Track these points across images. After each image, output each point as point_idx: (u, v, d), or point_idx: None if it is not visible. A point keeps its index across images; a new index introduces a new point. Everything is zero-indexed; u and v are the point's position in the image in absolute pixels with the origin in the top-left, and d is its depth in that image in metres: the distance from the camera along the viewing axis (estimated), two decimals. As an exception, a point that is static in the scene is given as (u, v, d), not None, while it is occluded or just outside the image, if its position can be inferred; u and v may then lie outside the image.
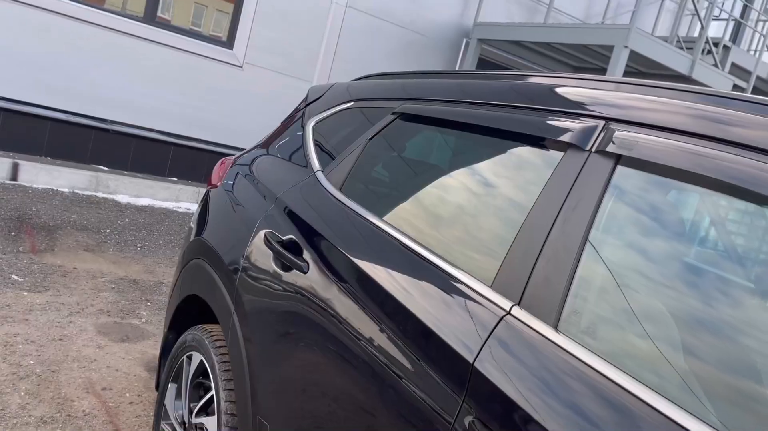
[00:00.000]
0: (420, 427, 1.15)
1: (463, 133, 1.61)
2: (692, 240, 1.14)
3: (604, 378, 0.96)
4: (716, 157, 1.00)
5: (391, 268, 1.41)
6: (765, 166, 0.94)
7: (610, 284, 1.07)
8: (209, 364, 1.92)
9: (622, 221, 1.12)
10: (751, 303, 0.96)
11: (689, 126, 1.08)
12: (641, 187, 1.11)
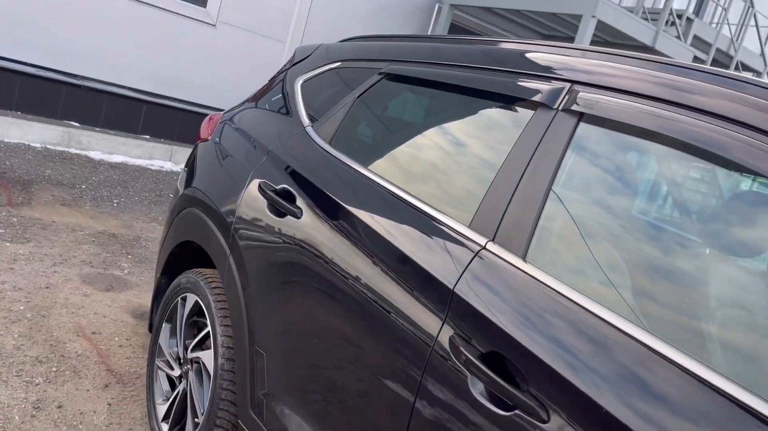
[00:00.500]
0: (406, 348, 1.34)
1: (445, 92, 1.77)
2: (640, 186, 1.33)
3: (563, 297, 1.16)
4: (664, 116, 1.20)
5: (379, 212, 1.58)
6: (699, 122, 1.14)
7: (569, 222, 1.27)
8: (205, 304, 2.08)
9: (582, 169, 1.31)
10: (683, 233, 1.17)
11: (642, 89, 1.27)
12: (600, 141, 1.30)
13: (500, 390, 1.12)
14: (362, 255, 1.54)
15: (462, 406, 1.19)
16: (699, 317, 1.07)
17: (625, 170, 1.29)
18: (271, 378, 1.74)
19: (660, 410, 0.95)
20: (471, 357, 1.19)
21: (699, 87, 1.19)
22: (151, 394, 2.33)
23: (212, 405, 1.95)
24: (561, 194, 1.30)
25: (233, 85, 6.96)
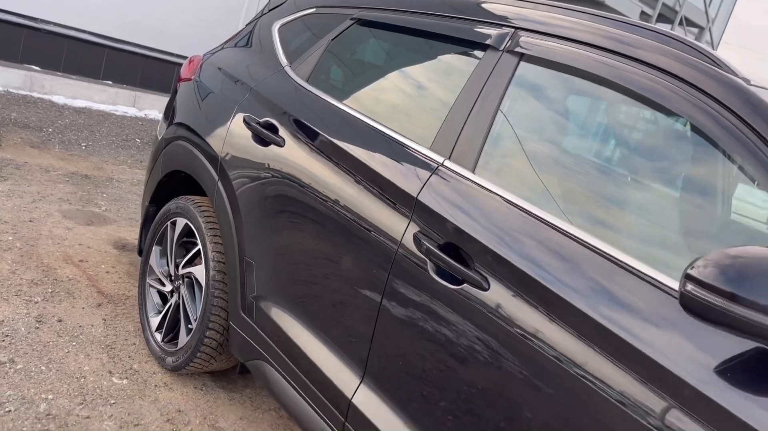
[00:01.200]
0: (378, 246, 1.64)
1: (409, 36, 2.04)
2: (567, 112, 1.65)
3: (502, 198, 1.48)
4: (586, 56, 1.50)
5: (354, 139, 1.86)
6: (615, 62, 1.45)
7: (510, 142, 1.58)
8: (195, 226, 2.35)
9: (521, 99, 1.62)
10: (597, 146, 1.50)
11: (569, 35, 1.57)
12: (536, 76, 1.60)
13: (453, 270, 1.45)
14: (339, 175, 1.83)
15: (422, 286, 1.51)
16: (606, 205, 1.41)
17: (555, 99, 1.60)
18: (260, 283, 2.03)
19: (563, 270, 1.28)
20: (431, 247, 1.50)
21: (611, 33, 1.50)
22: (143, 309, 2.60)
23: (205, 311, 2.23)
24: (504, 120, 1.61)
25: (198, 31, 7.00)
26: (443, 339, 1.45)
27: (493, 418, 1.34)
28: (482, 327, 1.38)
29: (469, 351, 1.40)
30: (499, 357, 1.34)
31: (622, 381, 1.15)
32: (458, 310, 1.43)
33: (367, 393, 1.64)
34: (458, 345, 1.42)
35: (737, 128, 1.23)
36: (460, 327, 1.42)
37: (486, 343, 1.36)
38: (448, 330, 1.44)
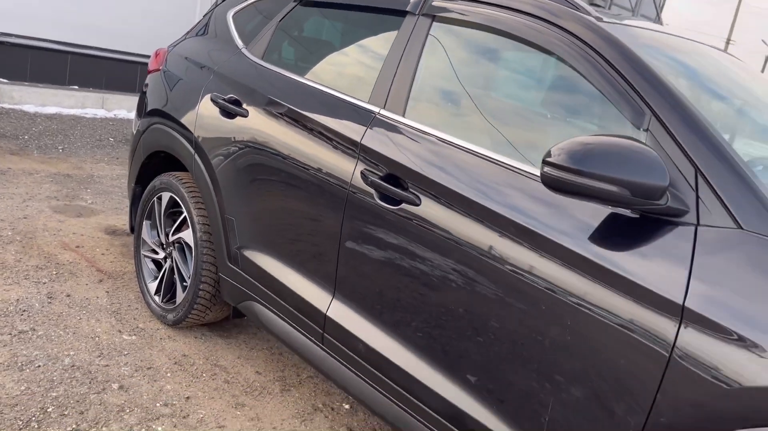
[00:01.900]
0: (333, 186, 2.00)
1: (346, 11, 2.38)
2: (475, 60, 2.01)
3: (427, 134, 1.84)
4: (484, 13, 1.86)
5: (306, 103, 2.21)
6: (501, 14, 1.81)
7: (430, 89, 1.94)
8: (179, 197, 2.68)
9: (437, 53, 1.97)
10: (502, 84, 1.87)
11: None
12: (445, 33, 1.96)
13: (393, 194, 1.81)
14: (297, 133, 2.17)
15: (371, 212, 1.87)
16: (501, 127, 1.78)
17: (461, 49, 1.96)
18: (241, 235, 2.38)
19: (473, 180, 1.65)
20: (375, 180, 1.86)
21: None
22: (141, 277, 2.93)
23: (197, 267, 2.58)
24: (423, 71, 1.96)
25: (155, 29, 7.21)
26: (392, 251, 1.82)
27: (437, 303, 1.71)
28: (419, 235, 1.75)
29: (413, 256, 1.77)
30: (435, 256, 1.71)
31: (521, 250, 1.52)
32: (400, 225, 1.79)
33: (338, 305, 2.01)
34: (404, 253, 1.79)
35: (592, 57, 1.60)
36: (403, 238, 1.79)
37: (424, 246, 1.73)
38: (395, 241, 1.81)
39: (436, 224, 1.71)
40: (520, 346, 1.53)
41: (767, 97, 2.09)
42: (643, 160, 1.30)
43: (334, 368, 2.05)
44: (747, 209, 1.29)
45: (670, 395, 1.26)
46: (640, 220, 1.38)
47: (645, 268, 1.32)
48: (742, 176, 1.33)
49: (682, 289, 1.26)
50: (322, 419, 2.34)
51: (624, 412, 1.34)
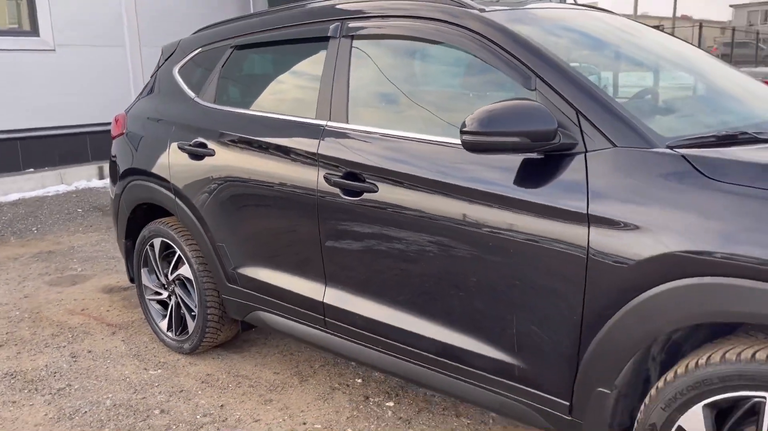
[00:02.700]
0: (303, 194, 2.35)
1: (279, 46, 2.74)
2: (395, 64, 2.39)
3: (369, 132, 2.21)
4: (391, 24, 2.24)
5: (262, 130, 2.56)
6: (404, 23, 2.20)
7: (364, 95, 2.32)
8: (170, 239, 3.00)
9: (362, 66, 2.35)
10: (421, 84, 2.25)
11: (378, 13, 2.31)
12: (365, 46, 2.34)
13: (354, 188, 2.17)
14: (262, 158, 2.52)
15: (339, 207, 2.23)
16: (426, 115, 2.16)
17: (381, 58, 2.34)
18: (234, 257, 2.72)
19: (413, 160, 2.03)
20: (337, 179, 2.23)
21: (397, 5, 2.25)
22: (151, 320, 3.24)
23: (200, 296, 2.91)
24: (355, 82, 2.34)
25: (92, 96, 7.44)
26: (364, 234, 2.19)
27: (409, 265, 2.08)
28: (382, 215, 2.11)
29: (381, 233, 2.13)
30: (398, 229, 2.08)
31: (464, 206, 1.90)
32: (365, 211, 2.16)
33: (331, 292, 2.37)
34: (374, 232, 2.15)
35: (482, 41, 1.99)
36: (370, 220, 2.15)
37: (388, 223, 2.10)
38: (364, 225, 2.18)
39: (393, 203, 2.08)
40: (482, 283, 1.91)
41: (638, 40, 2.53)
42: (534, 113, 1.69)
43: (340, 345, 2.41)
44: (617, 132, 1.69)
45: (595, 283, 1.65)
46: (546, 158, 1.77)
47: (557, 193, 1.72)
48: (611, 109, 1.74)
49: (584, 201, 1.66)
50: (341, 395, 2.69)
51: (568, 309, 1.72)
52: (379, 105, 2.31)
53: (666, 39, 2.61)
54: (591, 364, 1.70)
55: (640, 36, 2.52)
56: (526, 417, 1.92)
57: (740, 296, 1.41)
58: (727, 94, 2.31)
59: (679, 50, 2.55)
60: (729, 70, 2.52)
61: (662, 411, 1.59)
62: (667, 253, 1.51)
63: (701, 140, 1.68)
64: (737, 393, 1.46)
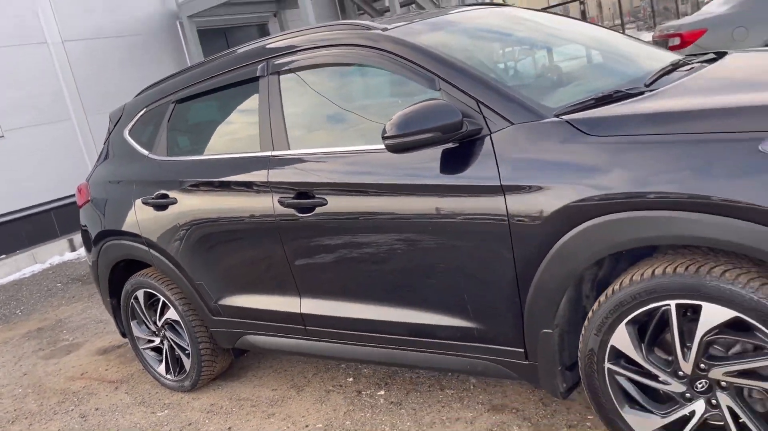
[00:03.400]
0: (262, 222, 2.59)
1: (217, 92, 2.99)
2: (318, 90, 2.66)
3: (311, 153, 2.46)
4: (311, 55, 2.51)
5: (216, 170, 2.80)
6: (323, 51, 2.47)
7: (297, 120, 2.58)
8: (152, 287, 3.21)
9: (292, 95, 2.61)
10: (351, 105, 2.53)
11: (299, 46, 2.58)
12: (291, 79, 2.60)
13: (307, 205, 2.42)
14: (220, 196, 2.76)
15: (297, 225, 2.47)
16: (356, 130, 2.43)
17: (308, 85, 2.61)
18: (214, 291, 2.94)
19: (353, 171, 2.29)
20: (290, 201, 2.48)
21: (315, 36, 2.52)
22: (149, 368, 3.44)
23: (190, 334, 3.12)
24: (289, 112, 2.60)
25: (49, 173, 7.58)
26: (323, 243, 2.44)
27: (368, 262, 2.34)
28: (335, 224, 2.37)
29: (338, 240, 2.39)
30: (351, 233, 2.33)
31: (402, 200, 2.16)
32: (320, 223, 2.41)
33: (306, 301, 2.61)
34: (331, 240, 2.41)
35: (389, 56, 2.27)
36: (327, 231, 2.41)
37: (342, 229, 2.36)
38: (322, 236, 2.43)
39: (343, 211, 2.34)
40: (432, 264, 2.17)
41: (532, 25, 2.84)
42: (441, 109, 1.97)
43: (324, 348, 2.65)
44: (512, 112, 1.98)
45: (520, 242, 1.92)
46: (460, 146, 2.05)
47: (474, 173, 1.99)
48: (504, 93, 2.03)
49: (497, 175, 1.93)
50: (336, 395, 2.92)
51: (503, 269, 1.99)
52: (314, 127, 2.58)
53: (557, 20, 2.94)
54: (532, 310, 1.97)
55: (533, 22, 2.84)
56: (494, 371, 2.18)
57: (626, 226, 1.69)
58: (611, 59, 2.63)
59: (569, 28, 2.87)
60: (613, 36, 2.84)
61: (596, 337, 1.86)
62: (567, 204, 1.79)
63: (583, 105, 1.98)
64: (647, 306, 1.74)
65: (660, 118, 1.73)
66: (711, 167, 1.58)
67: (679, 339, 1.72)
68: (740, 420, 1.71)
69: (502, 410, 2.47)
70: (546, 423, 2.32)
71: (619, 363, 1.86)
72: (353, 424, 2.64)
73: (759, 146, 1.54)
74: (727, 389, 1.71)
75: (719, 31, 6.97)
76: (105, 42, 8.47)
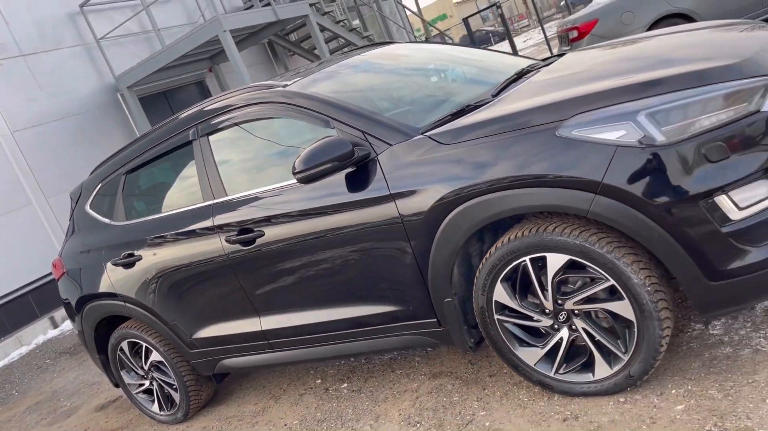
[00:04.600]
0: (217, 262, 3.07)
1: (159, 158, 3.48)
2: (241, 141, 3.16)
3: (245, 196, 2.97)
4: (232, 116, 3.03)
5: (171, 225, 3.28)
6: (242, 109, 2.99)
7: (229, 170, 3.08)
8: (134, 337, 3.65)
9: (221, 149, 3.12)
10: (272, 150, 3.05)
11: (222, 107, 3.09)
12: (218, 137, 3.11)
13: (248, 239, 2.91)
14: (176, 246, 3.24)
15: (245, 257, 2.95)
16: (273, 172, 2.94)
17: (233, 141, 3.12)
18: (187, 328, 3.40)
19: (278, 207, 2.80)
20: (234, 238, 2.97)
21: (232, 96, 3.04)
22: (143, 409, 3.86)
23: (175, 370, 3.56)
24: (221, 165, 3.10)
25: (20, 259, 7.91)
26: (268, 268, 2.93)
27: (305, 276, 2.83)
28: (275, 249, 2.86)
29: (279, 263, 2.88)
30: (288, 256, 2.83)
31: (321, 220, 2.67)
32: (262, 252, 2.90)
33: (265, 319, 3.09)
34: (274, 264, 2.90)
35: (292, 108, 2.79)
36: (269, 257, 2.90)
37: (280, 254, 2.85)
38: (265, 262, 2.92)
39: (279, 238, 2.83)
40: (356, 267, 2.67)
41: (410, 58, 3.40)
42: (335, 143, 2.49)
43: (288, 356, 3.13)
44: (389, 136, 2.51)
45: (413, 234, 2.44)
46: (357, 169, 2.57)
47: (371, 188, 2.51)
48: (381, 123, 2.56)
49: (386, 186, 2.46)
50: (308, 396, 3.39)
51: (406, 258, 2.50)
52: (244, 173, 3.08)
53: (431, 48, 3.51)
54: (434, 285, 2.49)
55: (409, 55, 3.41)
56: (420, 342, 2.69)
57: (479, 207, 2.23)
58: (474, 75, 3.20)
59: (441, 54, 3.44)
60: (478, 53, 3.43)
61: (483, 296, 2.39)
62: (438, 199, 2.33)
63: (442, 121, 2.53)
64: (511, 264, 2.27)
65: (489, 123, 2.28)
66: (526, 154, 2.13)
67: (539, 284, 2.26)
68: (596, 338, 2.24)
69: (439, 376, 2.97)
70: (473, 377, 2.83)
71: (504, 313, 2.39)
72: (323, 414, 3.11)
73: (555, 132, 2.10)
74: (579, 315, 2.24)
75: (609, 19, 7.72)
76: (53, 125, 8.88)
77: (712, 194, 1.94)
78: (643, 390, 2.22)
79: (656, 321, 2.08)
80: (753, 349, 2.20)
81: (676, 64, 2.21)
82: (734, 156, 1.94)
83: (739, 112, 1.97)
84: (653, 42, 2.87)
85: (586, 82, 2.32)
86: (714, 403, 2.03)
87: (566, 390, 2.36)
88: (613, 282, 2.10)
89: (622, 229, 2.05)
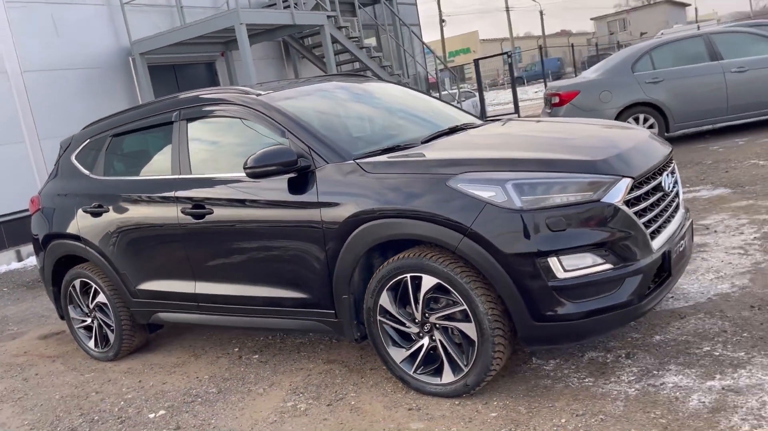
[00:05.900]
0: (170, 227, 3.59)
1: (144, 130, 4.01)
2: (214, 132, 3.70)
3: (202, 177, 3.50)
4: (208, 109, 3.58)
5: (140, 187, 3.80)
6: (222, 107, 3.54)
7: (196, 153, 3.62)
8: (87, 278, 4.15)
9: (196, 134, 3.66)
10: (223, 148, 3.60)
11: (204, 100, 3.63)
12: (194, 124, 3.65)
13: (200, 213, 3.44)
14: (140, 206, 3.76)
15: (194, 229, 3.49)
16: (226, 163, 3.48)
17: (206, 130, 3.66)
18: (134, 279, 3.91)
19: (224, 192, 3.34)
20: (189, 210, 3.49)
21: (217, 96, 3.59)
22: (81, 343, 4.34)
23: (115, 313, 4.06)
24: (193, 145, 3.63)
25: (1, 189, 8.35)
26: (212, 241, 3.45)
27: (238, 255, 3.36)
28: (219, 227, 3.39)
29: (221, 239, 3.40)
30: (230, 234, 3.36)
31: (257, 211, 3.21)
32: (209, 227, 3.43)
33: (199, 284, 3.61)
34: (216, 239, 3.42)
35: (260, 115, 3.34)
36: (212, 233, 3.42)
37: (224, 231, 3.38)
38: (210, 236, 3.45)
39: (223, 218, 3.36)
40: (279, 255, 3.20)
41: (363, 92, 3.98)
42: (282, 151, 3.04)
43: (213, 319, 3.65)
44: (329, 155, 3.06)
45: (328, 237, 2.98)
46: (298, 176, 3.11)
47: (305, 193, 3.05)
48: (325, 143, 3.11)
49: (316, 195, 3.00)
50: (224, 359, 3.89)
51: (320, 256, 3.03)
52: (208, 159, 3.62)
53: (391, 89, 4.10)
54: (336, 283, 3.02)
55: (372, 93, 3.98)
56: (319, 328, 3.22)
57: (378, 228, 2.78)
58: (417, 120, 3.78)
59: (397, 97, 4.02)
60: (429, 102, 4.02)
61: (371, 299, 2.93)
62: (353, 213, 2.87)
63: (373, 153, 3.08)
64: (396, 278, 2.82)
65: (404, 164, 2.85)
66: (421, 193, 2.70)
67: (414, 298, 2.81)
68: (448, 350, 2.79)
69: (333, 362, 3.50)
70: (357, 367, 3.36)
71: (385, 316, 2.93)
72: (230, 375, 3.62)
73: (446, 183, 2.66)
74: (439, 329, 2.79)
75: (589, 94, 8.40)
76: (61, 73, 9.36)
77: (547, 255, 2.51)
78: (474, 397, 2.77)
79: (491, 344, 2.63)
80: (565, 384, 2.75)
81: (558, 151, 2.80)
82: (570, 230, 2.51)
83: (584, 198, 2.54)
84: (567, 127, 3.47)
85: (488, 149, 2.90)
86: (518, 416, 2.57)
87: (419, 387, 2.90)
88: (466, 307, 2.65)
89: (479, 267, 2.61)
